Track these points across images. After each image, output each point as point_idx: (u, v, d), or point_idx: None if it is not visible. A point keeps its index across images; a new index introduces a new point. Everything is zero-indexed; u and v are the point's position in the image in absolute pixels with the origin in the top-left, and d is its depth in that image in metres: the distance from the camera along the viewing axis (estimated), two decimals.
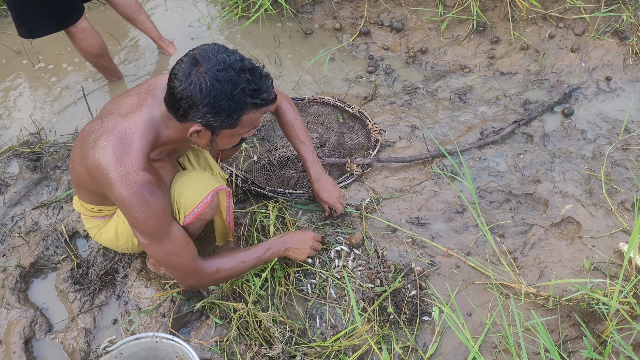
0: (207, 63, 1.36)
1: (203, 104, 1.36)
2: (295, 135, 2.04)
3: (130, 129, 1.47)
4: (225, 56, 1.38)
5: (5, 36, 3.27)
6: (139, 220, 1.49)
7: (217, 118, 1.39)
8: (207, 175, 1.72)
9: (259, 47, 3.19)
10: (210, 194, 1.65)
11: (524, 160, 2.43)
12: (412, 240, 2.13)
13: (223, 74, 1.35)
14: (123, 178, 1.44)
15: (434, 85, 2.90)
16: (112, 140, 1.45)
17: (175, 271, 1.63)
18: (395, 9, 3.22)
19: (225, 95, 1.36)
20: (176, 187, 1.64)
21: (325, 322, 1.89)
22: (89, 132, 1.53)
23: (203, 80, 1.34)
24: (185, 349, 1.55)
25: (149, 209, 1.48)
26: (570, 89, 2.77)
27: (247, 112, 1.42)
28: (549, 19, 2.97)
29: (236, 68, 1.36)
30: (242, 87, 1.37)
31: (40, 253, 2.10)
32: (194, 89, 1.35)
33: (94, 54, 2.70)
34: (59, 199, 2.29)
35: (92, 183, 1.56)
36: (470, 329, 1.87)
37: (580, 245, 2.11)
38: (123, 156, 1.44)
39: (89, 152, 1.49)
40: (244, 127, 1.48)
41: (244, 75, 1.37)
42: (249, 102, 1.39)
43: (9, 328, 1.90)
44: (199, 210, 1.64)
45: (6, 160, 2.47)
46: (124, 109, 1.53)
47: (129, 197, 1.44)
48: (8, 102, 2.88)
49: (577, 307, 1.84)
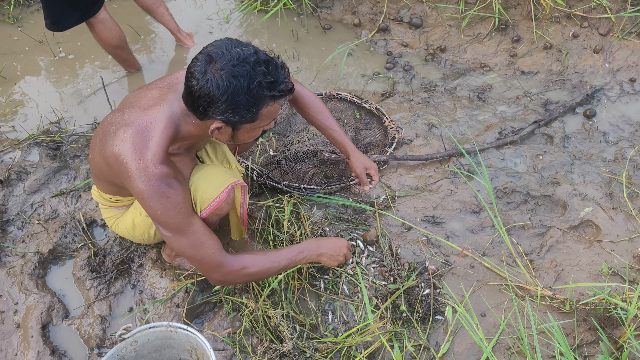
0: (222, 59, 1.35)
1: (221, 101, 1.36)
2: (322, 122, 1.98)
3: (150, 122, 1.48)
4: (239, 50, 1.36)
5: (29, 26, 3.31)
6: (159, 213, 1.49)
7: (236, 114, 1.39)
8: (224, 170, 1.72)
9: (277, 41, 3.19)
10: (227, 188, 1.65)
11: (543, 162, 2.40)
12: (426, 238, 2.12)
13: (238, 68, 1.34)
14: (141, 171, 1.44)
15: (452, 83, 2.87)
16: (132, 133, 1.46)
17: (201, 265, 1.59)
18: (415, 5, 3.19)
19: (243, 90, 1.35)
20: (193, 181, 1.64)
21: (338, 317, 1.89)
22: (110, 124, 1.54)
23: (219, 77, 1.34)
24: (199, 339, 1.56)
25: (168, 200, 1.48)
26: (593, 90, 2.72)
27: (266, 104, 1.41)
28: (573, 18, 2.92)
29: (251, 61, 1.35)
30: (258, 80, 1.35)
31: (58, 240, 2.13)
32: (211, 87, 1.34)
33: (113, 45, 2.72)
34: (78, 188, 2.32)
35: (110, 174, 1.58)
36: (484, 329, 1.85)
37: (598, 249, 2.08)
38: (142, 149, 1.45)
39: (108, 143, 1.50)
40: (263, 119, 1.46)
41: (259, 68, 1.36)
42: (266, 94, 1.38)
43: (27, 313, 1.93)
44: (215, 205, 1.64)
45: (27, 148, 2.51)
46: (145, 102, 1.54)
47: (147, 189, 1.45)
48: (30, 91, 2.92)
49: (594, 312, 1.82)
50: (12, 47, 3.17)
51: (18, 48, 3.17)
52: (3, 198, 2.29)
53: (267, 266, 1.65)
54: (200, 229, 1.55)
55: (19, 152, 2.48)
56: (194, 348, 1.67)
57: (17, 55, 3.13)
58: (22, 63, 3.08)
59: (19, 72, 3.03)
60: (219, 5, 3.47)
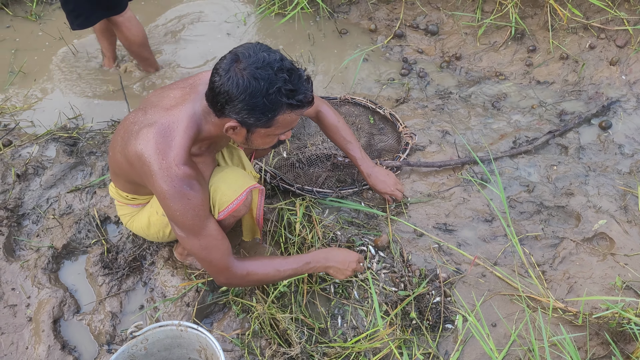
0: (247, 60, 1.37)
1: (239, 100, 1.37)
2: (341, 136, 2.04)
3: (173, 122, 1.50)
4: (266, 55, 1.38)
5: (50, 23, 3.35)
6: (178, 213, 1.51)
7: (252, 115, 1.40)
8: (243, 173, 1.73)
9: (294, 44, 3.20)
10: (246, 191, 1.67)
11: (557, 172, 2.39)
12: (438, 246, 2.11)
13: (261, 71, 1.36)
14: (164, 171, 1.46)
15: (467, 90, 2.87)
16: (155, 133, 1.48)
17: (209, 266, 1.62)
18: (431, 12, 3.19)
19: (261, 93, 1.36)
20: (213, 183, 1.66)
21: (347, 322, 1.89)
22: (132, 123, 1.56)
23: (241, 76, 1.36)
24: (209, 339, 1.57)
25: (188, 202, 1.50)
26: (609, 101, 2.70)
27: (282, 112, 1.41)
28: (590, 29, 2.90)
29: (275, 67, 1.37)
30: (278, 86, 1.37)
31: (72, 236, 2.16)
32: (232, 84, 1.36)
33: (138, 44, 2.77)
34: (93, 184, 2.34)
35: (131, 172, 1.59)
36: (494, 340, 1.84)
37: (612, 262, 2.06)
38: (165, 149, 1.47)
39: (130, 142, 1.52)
40: (279, 127, 1.47)
41: (281, 75, 1.37)
42: (284, 102, 1.39)
43: (39, 307, 1.95)
44: (234, 207, 1.66)
45: (44, 143, 2.54)
46: (168, 102, 1.56)
47: (169, 190, 1.47)
48: (48, 87, 2.96)
49: (607, 326, 1.80)
50: (33, 44, 3.22)
51: (38, 45, 3.21)
52: (20, 192, 2.31)
53: (272, 275, 1.68)
54: (214, 232, 1.58)
55: (36, 147, 2.51)
56: (203, 348, 1.67)
57: (38, 51, 3.17)
58: (42, 59, 3.12)
59: (38, 68, 3.07)
60: (237, 7, 3.49)
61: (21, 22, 3.36)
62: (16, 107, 2.81)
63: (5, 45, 3.19)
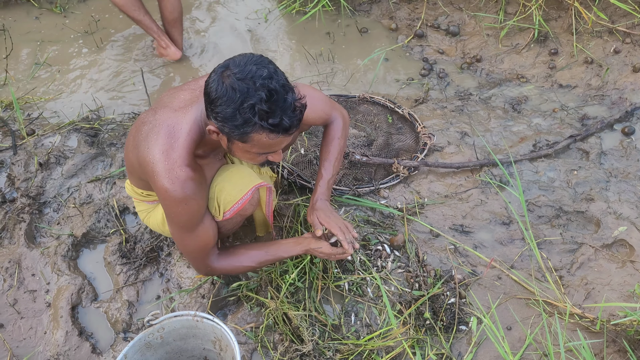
0: (235, 68, 1.35)
1: (215, 105, 1.36)
2: (329, 151, 1.89)
3: (177, 124, 1.52)
4: (254, 68, 1.34)
5: (74, 16, 3.41)
6: (173, 213, 1.56)
7: (225, 125, 1.38)
8: (248, 172, 1.73)
9: (314, 42, 3.21)
10: (251, 190, 1.68)
11: (577, 177, 2.36)
12: (454, 247, 2.10)
13: (241, 83, 1.32)
14: (167, 172, 1.49)
15: (487, 92, 2.84)
16: (161, 135, 1.51)
17: (189, 259, 1.73)
18: (453, 12, 3.17)
19: (235, 105, 1.33)
20: (217, 182, 1.67)
21: (361, 320, 1.89)
22: (143, 123, 1.59)
23: (222, 82, 1.34)
24: (224, 330, 1.58)
25: (186, 206, 1.53)
26: (633, 107, 2.66)
27: (256, 131, 1.36)
28: (616, 34, 2.86)
29: (257, 83, 1.32)
30: (251, 102, 1.32)
31: (92, 225, 2.19)
32: (212, 88, 1.36)
33: (172, 19, 2.85)
34: (112, 175, 2.37)
35: (140, 171, 1.62)
36: (509, 343, 1.83)
37: (631, 270, 2.03)
38: (169, 151, 1.49)
39: (141, 144, 1.55)
40: (255, 146, 1.43)
41: (259, 93, 1.32)
42: (255, 121, 1.34)
43: (58, 293, 1.99)
44: (239, 207, 1.67)
45: (66, 134, 2.58)
46: (177, 104, 1.58)
47: (170, 190, 1.49)
48: (72, 79, 3.01)
49: (625, 333, 1.78)
50: (58, 36, 3.27)
51: (63, 37, 3.26)
52: (42, 180, 2.36)
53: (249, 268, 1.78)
54: (201, 237, 1.64)
55: (58, 137, 2.56)
56: (218, 339, 1.69)
57: (62, 43, 3.22)
58: (66, 51, 3.17)
59: (63, 60, 3.12)
60: (259, 3, 3.51)
61: (46, 14, 3.42)
62: (40, 98, 2.86)
63: (30, 37, 3.25)
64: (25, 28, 3.32)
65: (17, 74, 3.03)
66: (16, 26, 3.31)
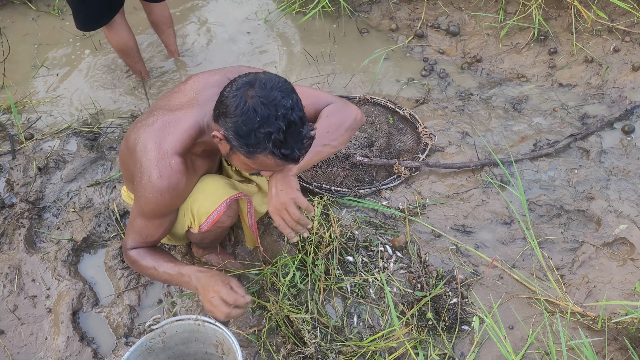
0: (260, 90, 1.35)
1: (232, 119, 1.37)
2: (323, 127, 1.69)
3: (175, 120, 1.54)
4: (279, 95, 1.35)
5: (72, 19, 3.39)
6: (143, 197, 1.55)
7: (236, 139, 1.39)
8: (224, 183, 1.71)
9: (314, 43, 3.20)
10: (225, 202, 1.66)
11: (578, 176, 2.36)
12: (456, 247, 2.10)
13: (263, 107, 1.34)
14: (157, 160, 1.50)
15: (488, 92, 2.84)
16: (155, 128, 1.53)
17: (126, 231, 1.70)
18: (453, 12, 3.17)
19: (252, 126, 1.35)
20: (192, 194, 1.66)
21: (363, 321, 1.89)
22: (137, 122, 1.62)
23: (244, 100, 1.35)
24: (226, 334, 1.58)
25: (159, 197, 1.53)
26: (633, 105, 2.66)
27: (264, 153, 1.39)
28: (615, 32, 2.86)
29: (279, 112, 1.34)
30: (269, 130, 1.34)
31: (92, 229, 2.18)
32: (233, 102, 1.36)
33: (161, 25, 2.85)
34: (113, 179, 2.37)
35: (130, 163, 1.61)
36: (511, 342, 1.83)
37: (632, 268, 2.03)
38: (162, 141, 1.52)
39: (131, 133, 1.59)
40: (257, 164, 1.45)
41: (279, 122, 1.34)
42: (268, 147, 1.36)
43: (59, 299, 1.98)
44: (214, 219, 1.66)
45: (66, 137, 2.57)
46: (173, 105, 1.59)
47: (154, 176, 1.50)
48: (71, 82, 3.00)
49: (626, 331, 1.77)
50: (56, 38, 3.26)
51: (61, 39, 3.26)
52: (41, 185, 2.35)
53: (150, 272, 1.66)
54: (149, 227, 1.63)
55: (58, 141, 2.55)
56: (220, 343, 1.68)
57: (60, 46, 3.21)
58: (64, 54, 3.17)
59: (61, 63, 3.12)
60: (259, 4, 3.50)
61: (44, 16, 3.41)
62: (39, 101, 2.85)
63: (28, 40, 3.24)
64: (22, 30, 3.31)
65: (14, 77, 3.02)
66: (13, 28, 3.31)
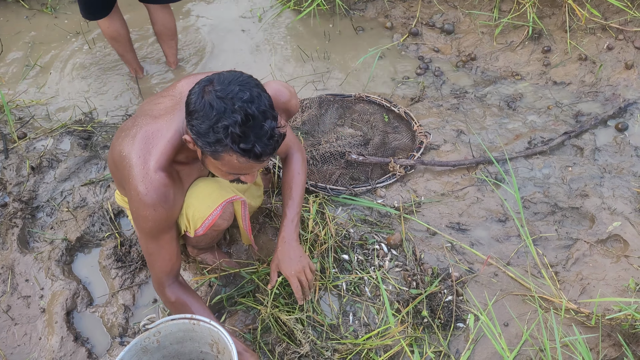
0: (217, 85, 1.34)
1: (192, 117, 1.36)
2: (291, 188, 1.84)
3: (158, 130, 1.51)
4: (237, 89, 1.32)
5: (66, 17, 3.38)
6: (140, 217, 1.53)
7: (198, 139, 1.37)
8: (218, 186, 1.70)
9: (309, 41, 3.20)
10: (220, 206, 1.65)
11: (572, 173, 2.37)
12: (451, 245, 2.10)
13: (219, 101, 1.31)
14: (142, 176, 1.48)
15: (483, 90, 2.85)
16: (139, 138, 1.50)
17: (150, 269, 1.67)
18: (448, 10, 3.17)
19: (209, 122, 1.32)
20: (186, 199, 1.65)
21: (359, 319, 1.89)
22: (121, 130, 1.60)
23: (201, 97, 1.33)
24: (221, 332, 1.57)
25: (154, 212, 1.51)
26: (626, 103, 2.67)
27: (227, 152, 1.35)
28: (609, 30, 2.87)
29: (235, 105, 1.31)
30: (225, 123, 1.30)
31: (86, 229, 2.17)
32: (191, 100, 1.35)
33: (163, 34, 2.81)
34: (107, 178, 2.35)
35: (119, 175, 1.60)
36: (506, 339, 1.83)
37: (626, 265, 2.04)
38: (146, 155, 1.49)
39: (116, 144, 1.56)
40: (226, 166, 1.41)
41: (235, 115, 1.30)
42: (227, 143, 1.32)
43: (53, 298, 1.97)
44: (210, 223, 1.65)
45: (59, 137, 2.56)
46: (157, 111, 1.57)
47: (142, 193, 1.48)
48: (64, 81, 2.98)
49: (619, 327, 1.78)
50: (49, 37, 3.24)
51: (54, 38, 3.24)
52: (34, 184, 2.34)
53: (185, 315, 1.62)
54: (164, 246, 1.60)
55: (51, 140, 2.54)
56: (215, 342, 1.68)
57: (54, 45, 3.19)
58: (57, 53, 3.15)
59: (54, 61, 3.10)
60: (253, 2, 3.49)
61: (37, 15, 3.39)
62: (32, 101, 2.83)
63: (21, 38, 3.22)
64: (15, 29, 3.29)
65: (7, 76, 3.00)
66: (6, 27, 3.28)
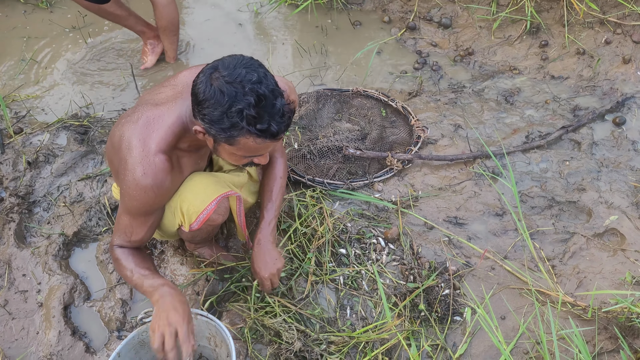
0: (224, 71, 1.33)
1: (202, 107, 1.35)
2: (271, 190, 1.82)
3: (159, 116, 1.50)
4: (244, 72, 1.32)
5: (61, 12, 3.36)
6: (127, 194, 1.52)
7: (212, 127, 1.36)
8: (213, 180, 1.69)
9: (306, 36, 3.19)
10: (215, 200, 1.63)
11: (569, 167, 2.37)
12: (448, 239, 2.11)
13: (229, 86, 1.31)
14: (141, 158, 1.47)
15: (481, 85, 2.84)
16: (139, 125, 1.50)
17: (114, 229, 1.66)
18: (446, 4, 3.16)
19: (222, 109, 1.32)
20: (181, 193, 1.64)
21: (356, 313, 1.89)
22: (122, 117, 1.59)
23: (210, 84, 1.33)
24: (219, 326, 1.58)
25: (143, 195, 1.50)
26: (624, 97, 2.67)
27: (243, 135, 1.35)
28: (607, 24, 2.86)
29: (246, 87, 1.30)
30: (239, 107, 1.30)
31: (83, 223, 2.17)
32: (199, 89, 1.34)
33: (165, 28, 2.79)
34: (103, 173, 2.35)
35: (116, 160, 1.58)
36: (503, 332, 1.84)
37: (622, 258, 2.05)
38: (147, 138, 1.48)
39: (116, 130, 1.55)
40: (241, 150, 1.41)
41: (248, 97, 1.30)
42: (243, 126, 1.33)
43: (50, 293, 1.97)
44: (205, 217, 1.64)
45: (55, 131, 2.55)
46: (158, 99, 1.56)
47: (138, 174, 1.47)
48: (60, 75, 2.97)
49: (616, 320, 1.79)
50: (44, 32, 3.22)
51: (50, 32, 3.22)
52: (30, 179, 2.33)
53: (124, 273, 1.62)
54: (139, 225, 1.60)
55: (47, 134, 2.53)
56: (212, 335, 1.68)
57: (49, 39, 3.18)
58: (53, 47, 3.13)
59: (50, 56, 3.08)
60: None
61: (32, 9, 3.37)
62: (28, 95, 2.82)
63: (16, 33, 3.20)
64: (10, 24, 3.27)
65: (2, 70, 2.99)
66: (4, 22, 3.26)
